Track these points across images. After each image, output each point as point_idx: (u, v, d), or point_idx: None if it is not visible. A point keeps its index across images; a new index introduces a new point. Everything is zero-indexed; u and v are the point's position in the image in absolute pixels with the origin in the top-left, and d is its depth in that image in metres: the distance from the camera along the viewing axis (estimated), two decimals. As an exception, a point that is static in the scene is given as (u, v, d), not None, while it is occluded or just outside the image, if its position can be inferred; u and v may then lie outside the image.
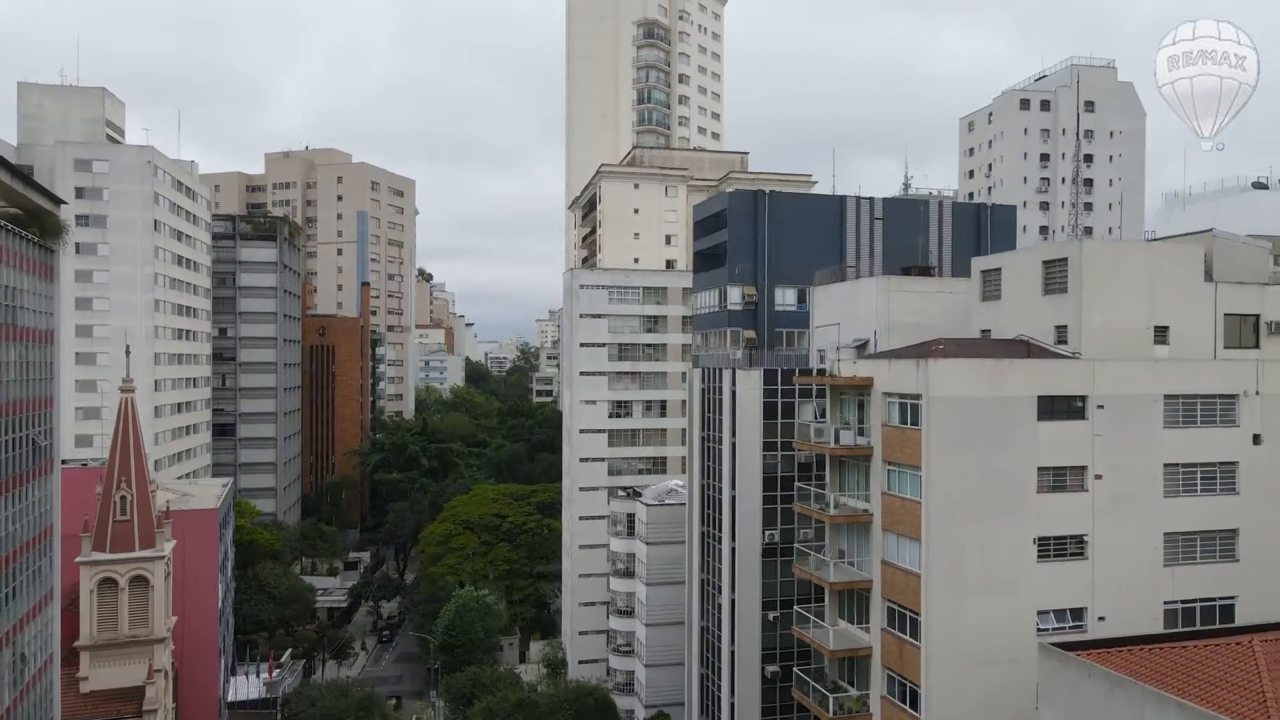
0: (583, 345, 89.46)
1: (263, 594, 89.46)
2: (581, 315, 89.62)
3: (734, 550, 53.38)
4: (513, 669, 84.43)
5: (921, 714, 34.73)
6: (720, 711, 54.44)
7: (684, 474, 69.36)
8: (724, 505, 54.35)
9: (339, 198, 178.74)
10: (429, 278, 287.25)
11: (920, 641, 34.68)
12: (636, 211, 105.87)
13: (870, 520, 38.75)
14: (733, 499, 53.61)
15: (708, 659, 57.24)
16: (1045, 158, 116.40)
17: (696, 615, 59.11)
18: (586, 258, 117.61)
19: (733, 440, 53.60)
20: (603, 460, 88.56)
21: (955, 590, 34.34)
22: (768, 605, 52.24)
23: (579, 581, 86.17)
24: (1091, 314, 37.38)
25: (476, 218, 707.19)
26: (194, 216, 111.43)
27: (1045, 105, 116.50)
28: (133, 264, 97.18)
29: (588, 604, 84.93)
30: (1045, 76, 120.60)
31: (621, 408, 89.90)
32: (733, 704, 53.04)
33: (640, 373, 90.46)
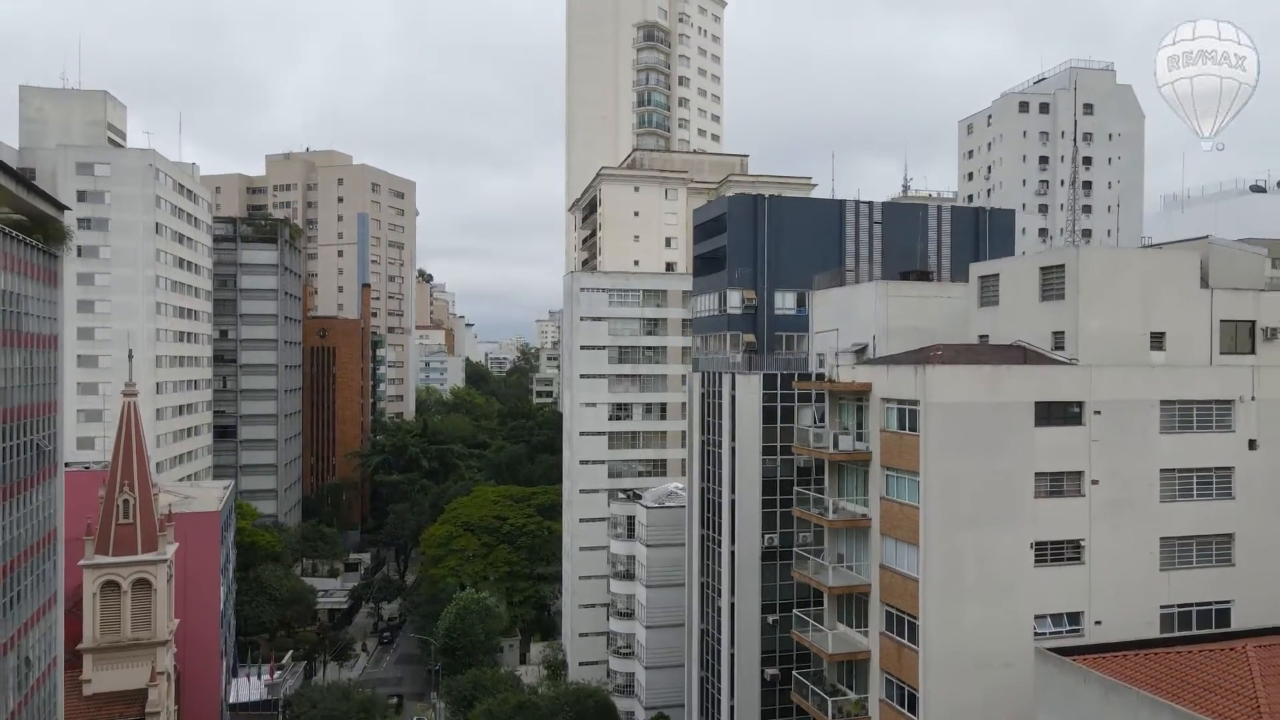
0: (583, 348, 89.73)
1: (264, 596, 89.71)
2: (582, 318, 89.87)
3: (734, 554, 53.69)
4: (513, 670, 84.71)
5: (920, 718, 34.97)
6: (720, 714, 54.71)
7: (684, 476, 69.60)
8: (724, 509, 54.64)
9: (339, 199, 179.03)
10: (429, 278, 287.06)
11: (918, 645, 34.93)
12: (636, 214, 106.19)
13: (869, 525, 38.97)
14: (732, 503, 53.92)
15: (707, 661, 57.52)
16: (1044, 160, 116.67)
17: (696, 618, 59.39)
18: (587, 260, 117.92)
19: (732, 444, 53.91)
20: (603, 463, 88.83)
21: (953, 595, 34.60)
22: (767, 608, 52.61)
23: (579, 583, 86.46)
24: (1088, 320, 37.63)
25: (476, 218, 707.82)
26: (195, 219, 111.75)
27: (1044, 108, 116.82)
28: (134, 267, 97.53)
29: (588, 606, 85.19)
30: (1044, 79, 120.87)
31: (621, 410, 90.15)
32: (732, 706, 53.33)
33: (640, 375, 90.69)
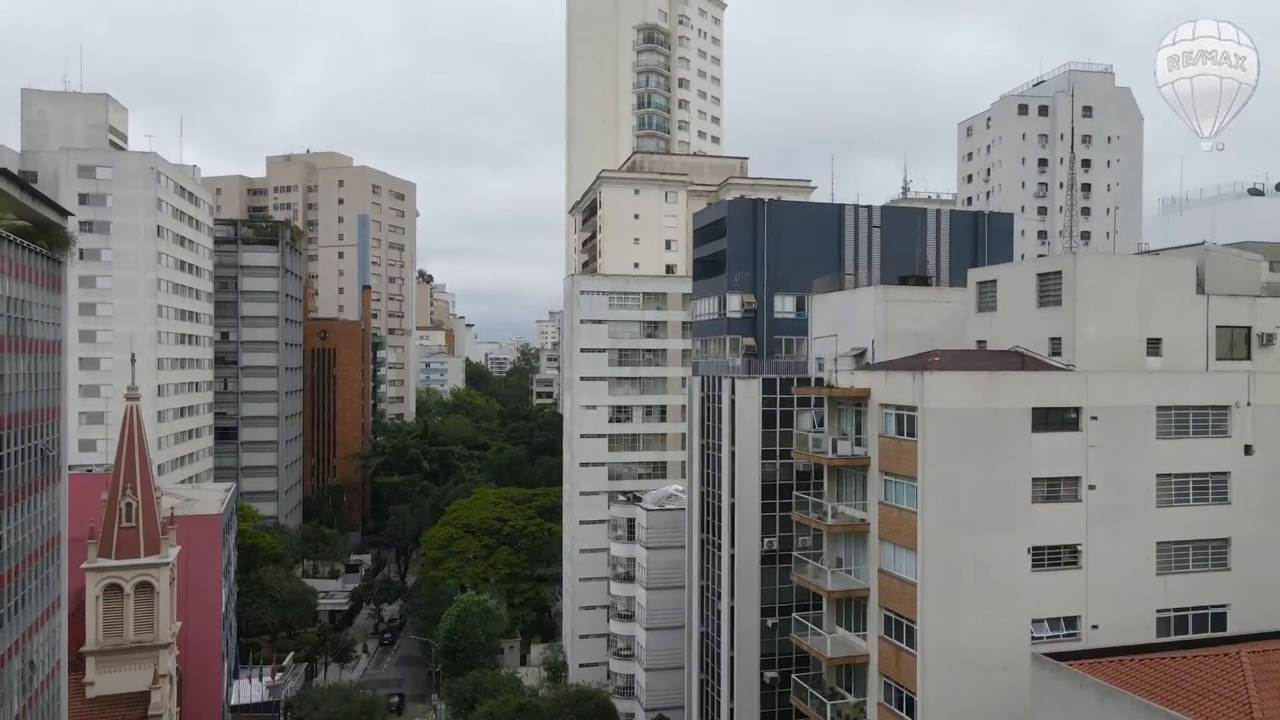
0: (583, 350, 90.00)
1: (265, 597, 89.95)
2: (582, 321, 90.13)
3: (733, 557, 53.99)
4: (513, 672, 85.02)
5: (917, 721, 35.26)
6: (720, 716, 54.97)
7: (684, 478, 69.88)
8: (723, 512, 54.93)
9: (340, 201, 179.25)
10: (429, 279, 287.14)
11: (916, 649, 35.18)
12: (636, 217, 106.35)
13: (867, 529, 39.22)
14: (732, 506, 54.21)
15: (707, 664, 57.79)
16: (1043, 163, 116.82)
17: (696, 621, 59.67)
18: (587, 262, 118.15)
19: (732, 448, 54.20)
20: (603, 465, 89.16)
21: (951, 599, 34.86)
22: (766, 612, 52.91)
23: (579, 585, 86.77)
24: (1085, 326, 37.91)
25: (476, 218, 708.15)
26: (196, 221, 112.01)
27: (1043, 110, 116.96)
28: (136, 269, 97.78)
29: (588, 608, 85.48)
30: (1043, 81, 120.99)
31: (622, 412, 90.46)
32: (732, 709, 53.61)
33: (640, 378, 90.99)
